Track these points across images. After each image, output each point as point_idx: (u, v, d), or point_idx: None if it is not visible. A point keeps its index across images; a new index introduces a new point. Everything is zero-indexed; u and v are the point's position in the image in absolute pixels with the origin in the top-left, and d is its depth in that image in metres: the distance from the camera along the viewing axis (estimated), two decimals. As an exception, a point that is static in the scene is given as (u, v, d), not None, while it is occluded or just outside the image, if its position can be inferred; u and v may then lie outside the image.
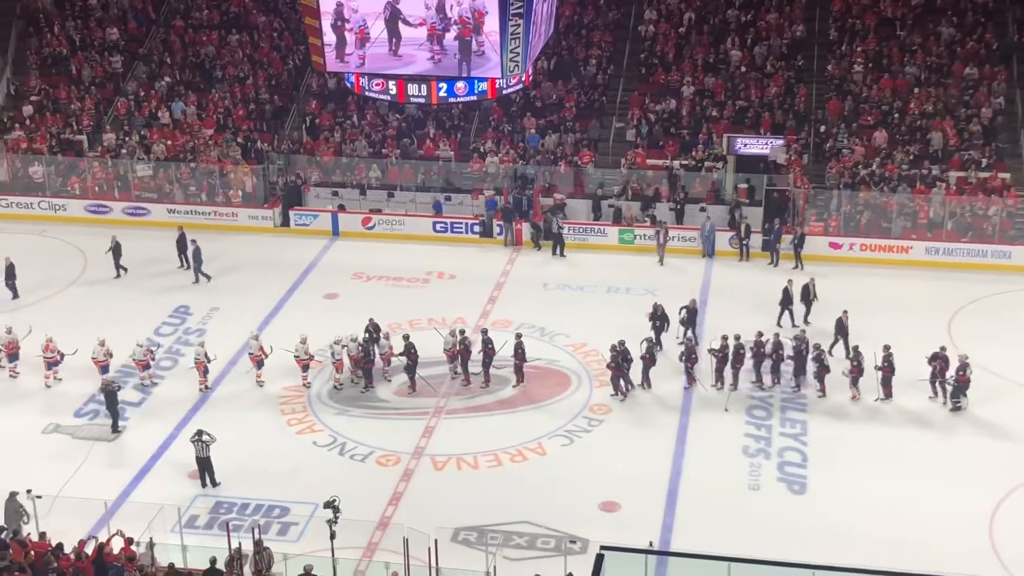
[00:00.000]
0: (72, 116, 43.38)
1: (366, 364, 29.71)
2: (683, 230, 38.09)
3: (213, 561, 20.93)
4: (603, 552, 19.11)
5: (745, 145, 39.05)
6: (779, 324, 31.69)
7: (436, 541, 20.74)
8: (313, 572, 20.65)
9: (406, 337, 29.82)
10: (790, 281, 32.50)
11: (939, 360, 28.60)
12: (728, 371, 29.30)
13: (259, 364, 29.80)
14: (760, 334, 29.53)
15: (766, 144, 39.02)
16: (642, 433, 27.83)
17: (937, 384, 28.59)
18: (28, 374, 30.23)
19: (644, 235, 38.25)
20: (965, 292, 34.55)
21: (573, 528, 23.85)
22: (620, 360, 29.05)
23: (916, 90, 40.25)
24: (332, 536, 20.83)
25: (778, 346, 29.34)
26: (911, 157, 38.55)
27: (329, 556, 21.12)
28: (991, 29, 41.56)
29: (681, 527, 24.14)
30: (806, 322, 32.04)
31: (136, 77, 44.95)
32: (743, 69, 42.03)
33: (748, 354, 29.35)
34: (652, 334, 30.60)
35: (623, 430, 27.96)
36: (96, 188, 41.38)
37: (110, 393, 27.98)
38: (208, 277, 35.89)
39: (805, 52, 42.69)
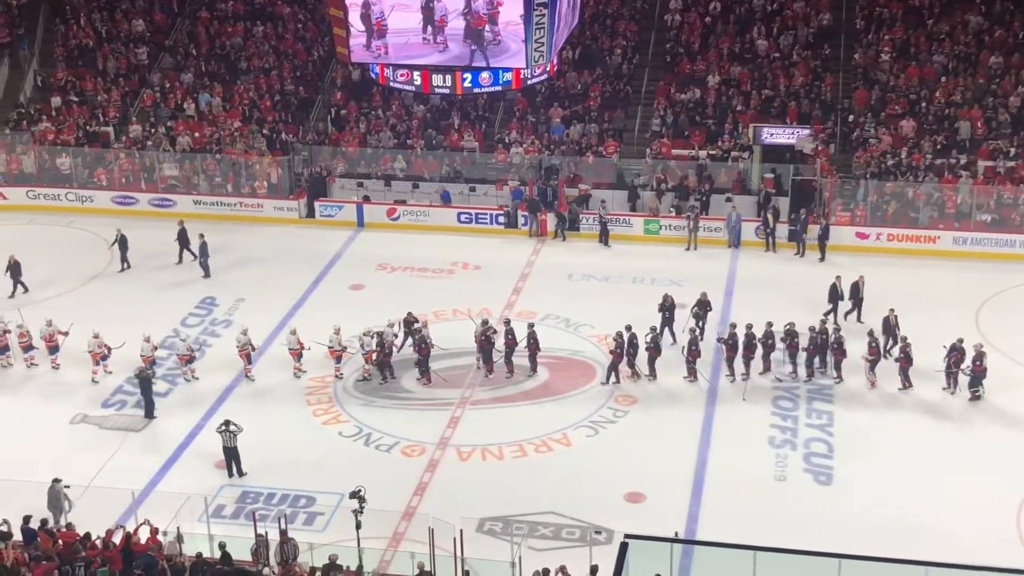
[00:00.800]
0: (99, 108, 43.59)
1: (384, 359, 29.67)
2: (709, 220, 37.95)
3: (223, 546, 21.03)
4: (627, 540, 19.08)
5: (771, 135, 38.88)
6: (825, 318, 31.08)
7: (461, 531, 20.74)
8: (338, 561, 20.71)
9: (418, 330, 29.84)
10: (838, 277, 31.95)
11: (955, 352, 28.37)
12: (739, 360, 29.19)
13: (298, 357, 29.86)
14: (770, 324, 29.40)
15: (792, 134, 38.84)
16: (667, 424, 27.78)
17: (951, 376, 28.40)
18: (55, 364, 30.40)
19: (669, 225, 38.19)
20: (993, 282, 34.32)
21: (598, 519, 23.82)
22: (626, 347, 29.06)
23: (943, 79, 39.97)
24: (358, 526, 20.89)
25: (791, 335, 29.19)
26: (938, 146, 38.30)
27: (355, 546, 21.18)
28: (1019, 17, 41.18)
29: (707, 518, 24.09)
30: (859, 320, 31.47)
31: (161, 68, 45.12)
32: (770, 58, 41.82)
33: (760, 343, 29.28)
34: (659, 324, 30.51)
35: (648, 421, 27.91)
36: (123, 180, 41.58)
37: (145, 379, 28.17)
38: (208, 274, 35.81)
39: (832, 41, 42.44)
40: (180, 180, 41.30)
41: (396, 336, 30.25)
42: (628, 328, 29.35)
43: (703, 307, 31.21)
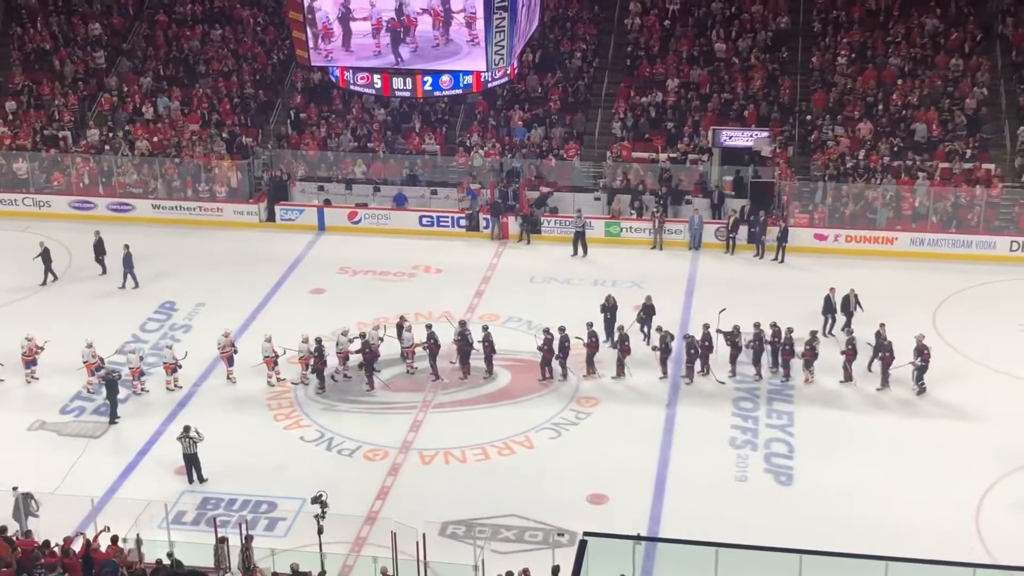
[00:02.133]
0: (55, 111, 43.18)
1: (320, 367, 29.36)
2: (670, 223, 38.08)
3: (170, 555, 20.94)
4: (586, 539, 19.11)
5: (730, 137, 39.10)
6: (825, 334, 30.87)
7: (424, 535, 20.75)
8: (300, 570, 20.58)
9: (362, 335, 29.68)
10: (832, 290, 31.53)
11: (885, 351, 28.79)
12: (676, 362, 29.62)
13: (273, 365, 29.61)
14: (706, 326, 29.63)
15: (751, 136, 39.07)
16: (629, 425, 27.86)
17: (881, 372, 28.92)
18: (13, 375, 29.95)
19: (631, 227, 38.34)
20: (950, 283, 34.68)
21: (561, 521, 23.86)
22: (551, 344, 29.35)
23: (900, 81, 40.34)
24: (320, 531, 20.82)
25: (734, 336, 29.40)
26: (895, 148, 38.65)
27: (317, 551, 21.10)
28: (974, 20, 41.64)
29: (669, 519, 24.19)
30: (847, 332, 30.84)
31: (119, 72, 44.79)
32: (728, 61, 42.02)
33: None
34: (602, 325, 30.76)
35: (610, 422, 27.99)
36: (80, 184, 41.24)
37: (111, 382, 27.97)
38: (136, 283, 35.05)
39: (790, 44, 42.74)
40: (138, 184, 40.97)
41: (381, 340, 30.07)
42: (562, 329, 29.60)
43: (648, 311, 31.32)
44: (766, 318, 30.01)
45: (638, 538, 20.43)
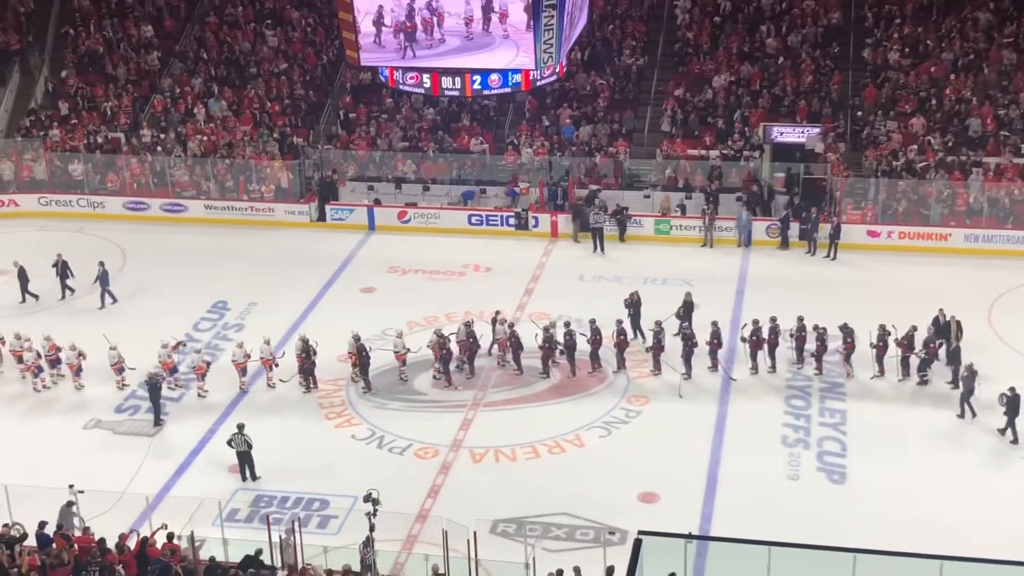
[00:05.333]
0: (107, 110, 43.62)
1: (309, 366, 29.19)
2: (719, 220, 37.88)
3: (259, 552, 21.15)
4: (641, 537, 19.07)
5: (781, 134, 38.82)
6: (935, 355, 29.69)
7: (475, 533, 20.77)
8: (353, 569, 20.63)
9: (357, 338, 29.57)
10: (941, 311, 30.03)
11: (907, 338, 28.80)
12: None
13: (354, 364, 29.61)
14: (715, 323, 29.61)
15: (803, 132, 38.78)
16: (680, 424, 27.77)
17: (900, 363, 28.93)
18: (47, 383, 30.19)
19: (680, 225, 38.19)
20: (1005, 279, 34.24)
21: (612, 519, 23.83)
22: (552, 341, 29.51)
23: (953, 76, 39.86)
24: (371, 529, 20.92)
25: (756, 332, 29.37)
26: (949, 144, 38.21)
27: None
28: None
29: (720, 517, 24.07)
30: (949, 360, 29.38)
31: (172, 74, 45.21)
32: (779, 58, 41.75)
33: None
34: (628, 321, 30.83)
35: (661, 421, 27.91)
36: (134, 185, 41.68)
37: (153, 386, 28.20)
38: (114, 299, 34.53)
39: (841, 39, 42.37)
40: (189, 185, 41.35)
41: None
42: (567, 324, 29.78)
43: (687, 307, 31.18)
44: (817, 315, 29.84)
45: (690, 537, 20.34)
